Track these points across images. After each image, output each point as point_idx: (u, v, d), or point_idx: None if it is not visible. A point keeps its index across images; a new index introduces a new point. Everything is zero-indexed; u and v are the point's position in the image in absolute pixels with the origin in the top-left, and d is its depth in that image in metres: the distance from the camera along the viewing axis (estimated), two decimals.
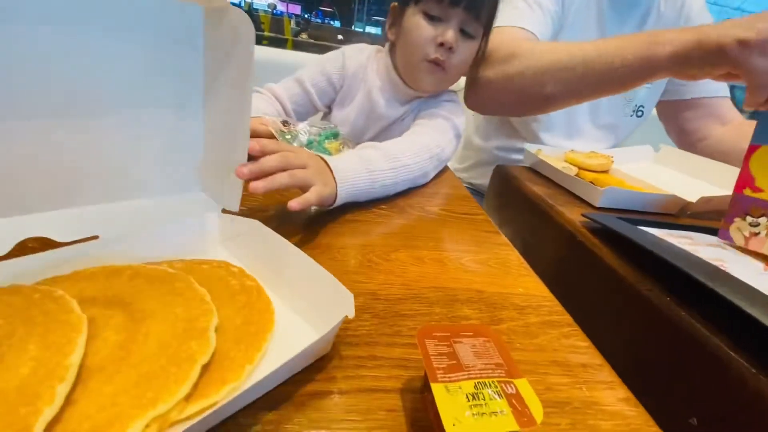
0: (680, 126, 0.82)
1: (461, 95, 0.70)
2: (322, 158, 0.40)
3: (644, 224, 0.48)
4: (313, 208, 0.41)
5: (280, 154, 0.35)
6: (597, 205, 0.54)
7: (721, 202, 0.56)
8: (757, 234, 0.42)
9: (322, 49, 0.78)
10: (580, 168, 0.67)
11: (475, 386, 0.17)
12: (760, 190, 0.41)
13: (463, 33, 0.56)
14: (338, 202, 0.39)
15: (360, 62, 0.65)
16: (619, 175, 0.66)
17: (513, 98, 0.64)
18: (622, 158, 0.71)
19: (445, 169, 0.62)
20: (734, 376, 0.28)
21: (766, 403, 0.26)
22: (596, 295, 0.44)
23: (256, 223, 0.28)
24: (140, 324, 0.17)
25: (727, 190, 0.57)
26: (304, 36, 5.15)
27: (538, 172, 0.67)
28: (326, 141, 0.51)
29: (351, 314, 0.20)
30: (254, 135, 0.44)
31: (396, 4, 0.60)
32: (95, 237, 0.24)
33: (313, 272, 0.24)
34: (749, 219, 0.42)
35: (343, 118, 0.65)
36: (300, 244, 0.33)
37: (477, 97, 0.68)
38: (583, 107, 0.78)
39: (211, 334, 0.17)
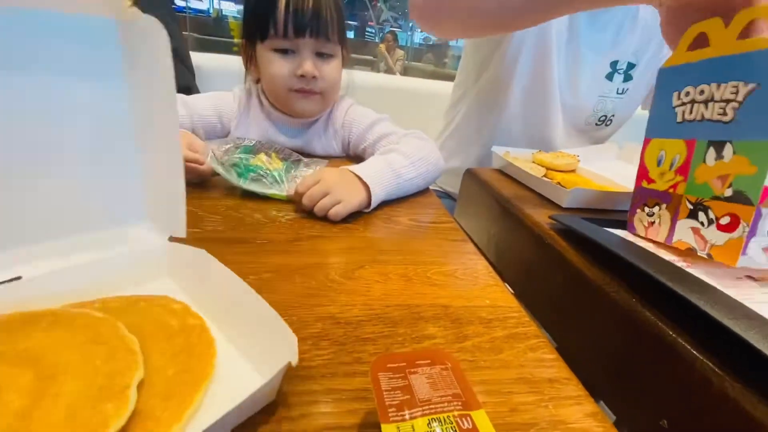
0: None
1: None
2: (348, 171, 0.46)
3: (611, 224, 0.48)
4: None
5: (306, 196, 0.42)
6: (564, 205, 0.54)
7: None
8: (653, 223, 0.43)
9: None
10: (548, 168, 0.68)
11: (429, 423, 0.16)
12: (653, 181, 0.43)
13: (321, 55, 0.57)
14: (375, 201, 0.45)
15: (244, 103, 0.65)
16: (586, 174, 0.66)
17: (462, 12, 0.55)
18: (588, 157, 0.72)
19: None
20: (700, 377, 0.28)
21: (731, 403, 0.26)
22: (566, 298, 0.44)
23: (203, 254, 0.26)
24: (50, 383, 0.15)
25: None
26: None
27: (508, 174, 0.68)
28: (248, 158, 0.49)
29: (294, 361, 0.19)
30: (190, 162, 0.44)
31: (244, 41, 0.60)
32: (17, 278, 0.22)
33: (258, 310, 0.22)
34: (646, 209, 0.43)
35: None
36: (259, 268, 0.31)
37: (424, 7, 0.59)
38: (549, 124, 0.77)
39: (131, 392, 0.15)
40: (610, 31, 0.72)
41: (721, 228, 0.35)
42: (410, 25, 7.65)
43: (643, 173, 0.44)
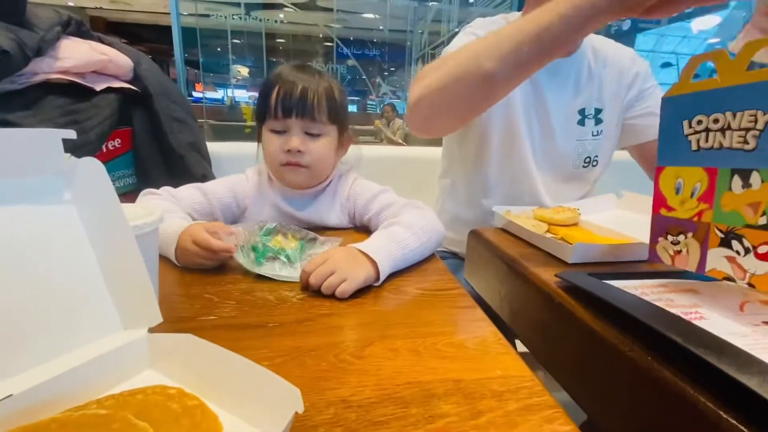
0: (648, 162, 0.87)
1: None
2: (354, 248, 0.48)
3: (618, 276, 0.48)
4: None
5: (313, 275, 0.44)
6: (570, 261, 0.54)
7: None
8: (679, 252, 0.42)
9: None
10: (549, 224, 0.69)
11: None
12: (673, 209, 0.42)
13: (309, 134, 0.64)
14: (383, 274, 0.47)
15: (256, 182, 0.71)
16: (588, 227, 0.68)
17: (453, 93, 0.61)
18: (588, 209, 0.73)
19: None
20: None
21: None
22: (582, 358, 0.43)
23: (186, 337, 0.28)
24: None
25: None
26: None
27: (512, 233, 0.69)
28: (269, 240, 0.53)
29: (300, 409, 0.20)
30: (223, 252, 0.48)
31: (257, 123, 0.69)
32: (8, 396, 0.22)
33: (253, 374, 0.24)
34: (670, 238, 0.43)
35: None
36: (272, 353, 0.32)
37: (419, 113, 0.66)
38: (531, 172, 0.80)
39: None
40: (570, 84, 0.79)
41: (759, 257, 0.34)
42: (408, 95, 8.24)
43: (660, 201, 0.44)
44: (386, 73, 8.61)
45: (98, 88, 0.82)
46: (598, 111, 0.81)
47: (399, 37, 8.21)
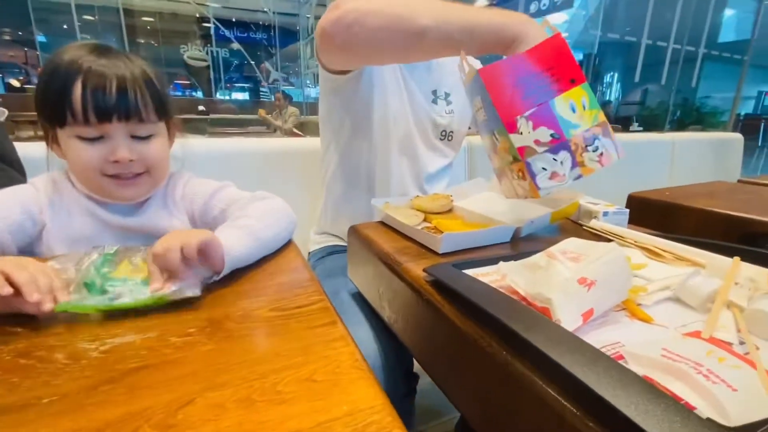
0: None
1: None
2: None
3: (488, 262, 0.48)
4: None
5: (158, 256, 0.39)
6: (440, 252, 0.54)
7: (543, 221, 0.62)
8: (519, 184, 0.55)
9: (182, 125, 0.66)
10: (425, 213, 0.69)
11: None
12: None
13: (137, 138, 0.51)
14: (228, 265, 0.44)
15: (52, 191, 0.54)
16: (461, 213, 0.68)
17: (385, 26, 0.58)
18: (461, 194, 0.75)
19: (289, 245, 0.57)
20: (570, 428, 0.26)
21: None
22: (452, 355, 0.42)
23: None
24: None
25: (551, 208, 0.64)
26: None
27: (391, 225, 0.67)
28: (110, 271, 0.41)
29: None
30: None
31: (41, 122, 0.52)
32: None
33: None
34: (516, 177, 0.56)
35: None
36: None
37: (346, 25, 0.58)
38: (396, 146, 0.82)
39: None
40: (421, 68, 0.84)
41: (521, 180, 0.53)
42: (303, 81, 7.93)
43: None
44: (275, 59, 8.10)
45: None
46: (447, 95, 0.87)
47: (287, 20, 7.76)
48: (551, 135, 0.50)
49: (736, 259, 0.43)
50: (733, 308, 0.36)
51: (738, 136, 1.94)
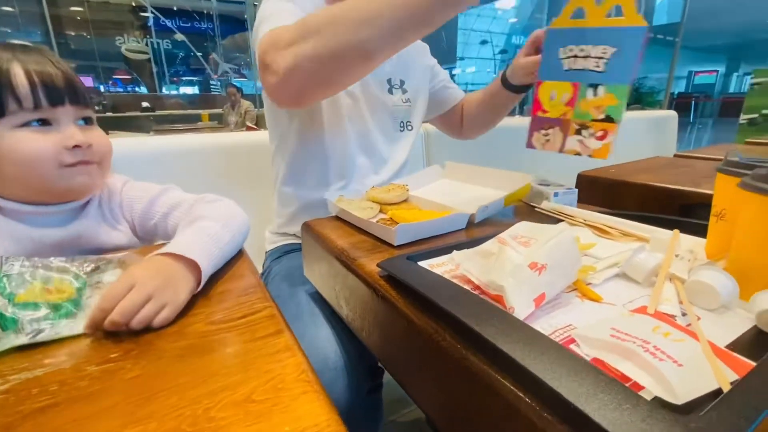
0: (450, 127, 1.00)
1: None
2: (158, 256, 0.39)
3: (444, 251, 0.47)
4: None
5: (117, 314, 0.33)
6: (395, 244, 0.52)
7: (497, 206, 0.62)
8: (548, 141, 0.61)
9: (123, 123, 0.60)
10: (381, 204, 0.67)
11: None
12: (547, 112, 0.61)
13: (85, 124, 0.50)
14: (205, 275, 0.41)
15: None
16: (416, 202, 0.67)
17: (333, 66, 0.55)
18: (416, 183, 0.74)
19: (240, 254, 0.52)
20: (525, 420, 0.26)
21: None
22: (410, 351, 0.40)
23: None
24: None
25: (503, 191, 0.63)
26: (97, 110, 4.46)
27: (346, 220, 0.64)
28: (14, 295, 0.35)
29: None
30: None
31: None
32: None
33: None
34: (542, 132, 0.62)
35: None
36: None
37: (293, 84, 0.57)
38: (354, 142, 0.79)
39: None
40: None
41: (598, 138, 0.56)
42: (255, 73, 7.59)
43: (537, 106, 0.61)
44: (223, 49, 7.68)
45: None
46: (402, 83, 0.84)
47: (233, 9, 7.36)
48: None
49: (676, 231, 0.45)
50: (675, 281, 0.36)
51: (672, 114, 2.07)
